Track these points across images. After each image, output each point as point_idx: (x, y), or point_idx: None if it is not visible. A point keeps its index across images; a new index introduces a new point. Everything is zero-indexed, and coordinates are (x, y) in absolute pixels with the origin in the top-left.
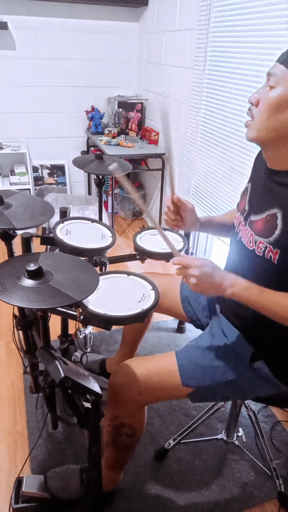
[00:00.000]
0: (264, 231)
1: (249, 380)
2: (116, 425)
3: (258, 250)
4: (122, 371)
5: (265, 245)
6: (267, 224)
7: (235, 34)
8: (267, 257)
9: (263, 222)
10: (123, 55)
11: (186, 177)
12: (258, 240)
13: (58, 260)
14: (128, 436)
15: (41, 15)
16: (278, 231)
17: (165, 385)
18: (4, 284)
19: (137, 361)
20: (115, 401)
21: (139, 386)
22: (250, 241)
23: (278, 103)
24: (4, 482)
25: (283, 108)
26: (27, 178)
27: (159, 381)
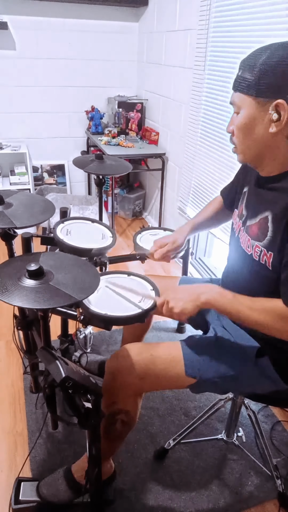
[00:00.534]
0: (258, 235)
1: (253, 376)
2: (112, 411)
3: (255, 254)
4: (122, 355)
5: (260, 249)
6: (261, 227)
7: (235, 34)
8: (263, 261)
9: (257, 226)
10: (123, 55)
11: (186, 177)
12: (255, 244)
13: (59, 260)
14: (123, 424)
15: (41, 15)
16: (270, 233)
17: (167, 373)
18: (4, 285)
19: (140, 346)
20: (113, 386)
21: (141, 371)
22: (248, 246)
23: (246, 124)
24: (4, 482)
25: (252, 127)
26: (27, 178)
27: (163, 368)
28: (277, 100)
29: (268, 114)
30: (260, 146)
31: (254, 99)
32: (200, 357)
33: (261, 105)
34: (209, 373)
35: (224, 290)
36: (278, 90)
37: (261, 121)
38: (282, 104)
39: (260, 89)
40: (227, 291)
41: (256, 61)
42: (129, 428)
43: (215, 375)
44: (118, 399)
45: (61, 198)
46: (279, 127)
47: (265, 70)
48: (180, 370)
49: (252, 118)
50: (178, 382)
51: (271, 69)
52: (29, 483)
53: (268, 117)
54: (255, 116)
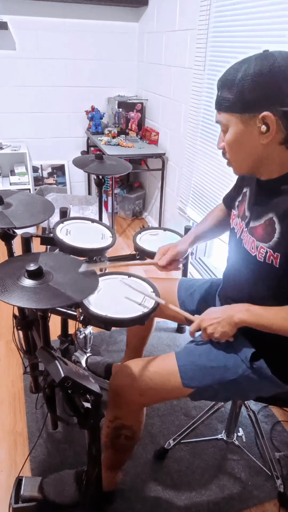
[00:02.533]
0: (264, 236)
1: (250, 379)
2: (116, 426)
3: (259, 256)
4: (123, 373)
5: (265, 250)
6: (267, 229)
7: (235, 34)
8: (269, 261)
9: (262, 228)
10: (123, 55)
11: (186, 177)
12: (259, 246)
13: (58, 260)
14: (127, 438)
15: (41, 15)
16: (277, 234)
17: (166, 386)
18: (4, 284)
19: (137, 362)
20: (116, 402)
21: (140, 387)
22: (252, 247)
23: (236, 141)
24: (4, 482)
25: (242, 142)
26: (27, 178)
27: (160, 382)
28: (263, 112)
29: (256, 127)
30: (254, 158)
31: (239, 116)
32: (195, 366)
33: (247, 121)
34: (206, 380)
35: (251, 306)
36: (261, 103)
37: (251, 135)
38: (269, 116)
39: (243, 106)
40: (255, 306)
41: (233, 78)
42: (134, 442)
43: (212, 382)
44: (121, 415)
45: (61, 198)
46: (269, 138)
47: (245, 86)
48: (177, 382)
49: (241, 134)
50: (177, 393)
51: (251, 84)
52: (31, 479)
53: (257, 130)
54: (243, 132)
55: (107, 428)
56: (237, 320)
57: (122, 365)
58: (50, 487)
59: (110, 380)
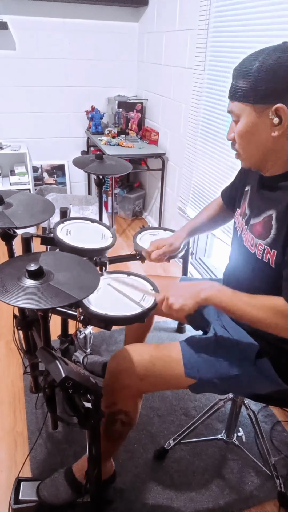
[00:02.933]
0: (262, 233)
1: (252, 376)
2: (112, 412)
3: (258, 253)
4: (122, 356)
5: (263, 247)
6: (265, 226)
7: (235, 34)
8: (266, 260)
9: (261, 225)
10: (123, 55)
11: (186, 177)
12: (258, 243)
13: (59, 259)
14: (123, 424)
15: (41, 15)
16: (274, 231)
17: (167, 374)
18: (5, 285)
19: (139, 347)
20: (113, 387)
21: (141, 371)
22: (251, 245)
23: (247, 132)
24: (4, 482)
25: (253, 133)
26: (27, 178)
27: (162, 368)
28: (276, 104)
29: (268, 119)
30: (264, 151)
31: (253, 107)
32: (199, 357)
33: (260, 111)
34: (209, 373)
35: (223, 287)
36: (276, 94)
37: (263, 127)
38: (282, 108)
39: (257, 96)
40: (227, 288)
41: (250, 68)
42: (129, 428)
43: (214, 375)
44: (118, 400)
45: (61, 198)
46: (281, 130)
47: (261, 76)
48: (180, 371)
49: (253, 125)
50: (178, 383)
51: (267, 74)
52: (29, 483)
53: (269, 122)
54: (255, 123)
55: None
56: (202, 296)
57: (122, 349)
58: (45, 491)
59: (108, 364)
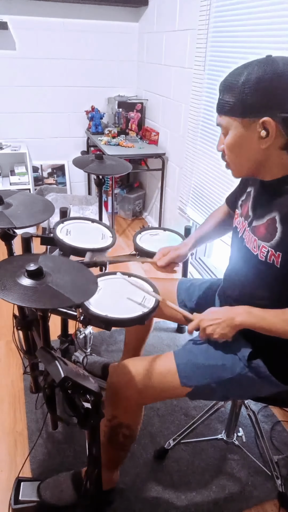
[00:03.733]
0: (265, 235)
1: (247, 379)
2: (114, 425)
3: (261, 255)
4: (120, 371)
5: (267, 249)
6: (268, 228)
7: (235, 34)
8: (270, 261)
9: (264, 227)
10: (123, 55)
11: (186, 177)
12: (261, 245)
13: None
14: (125, 437)
15: (41, 15)
16: (279, 233)
17: (164, 385)
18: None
19: (135, 361)
20: (114, 401)
21: (138, 386)
22: (254, 247)
23: (235, 144)
24: (4, 482)
25: (242, 146)
26: (27, 178)
27: (158, 381)
28: (263, 118)
29: (256, 132)
30: (253, 162)
31: (240, 120)
32: (193, 365)
33: (247, 125)
34: (204, 379)
35: (252, 308)
36: (262, 108)
37: (250, 140)
38: (269, 122)
39: (244, 110)
40: (255, 308)
41: (235, 82)
42: (131, 440)
43: (210, 380)
44: (119, 413)
45: (61, 198)
46: (269, 142)
47: (247, 90)
48: (175, 381)
49: (241, 138)
50: (176, 392)
51: (253, 88)
52: (29, 483)
53: (256, 135)
54: (243, 136)
55: (104, 427)
56: (237, 323)
57: (120, 364)
58: (47, 491)
59: (107, 379)
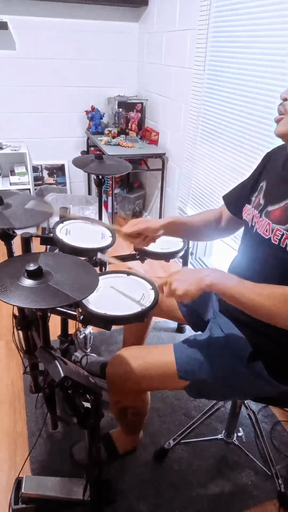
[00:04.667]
0: (282, 218)
1: (246, 378)
2: (120, 407)
3: (274, 238)
4: (118, 362)
5: (282, 232)
6: (285, 211)
7: (235, 34)
8: (283, 245)
9: (281, 210)
10: (123, 55)
11: (186, 177)
12: (276, 228)
13: (58, 260)
14: (133, 414)
15: (41, 15)
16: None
17: (161, 376)
18: (3, 284)
19: (134, 351)
20: (114, 389)
21: (137, 376)
22: (266, 230)
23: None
24: (4, 482)
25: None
26: (27, 178)
27: (156, 372)
28: None
29: None
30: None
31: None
32: (192, 359)
33: None
34: (201, 375)
35: (229, 274)
36: None
37: None
38: None
39: None
40: (233, 275)
41: None
42: (141, 417)
43: (207, 376)
44: (122, 399)
45: (61, 198)
46: None
47: None
48: (173, 373)
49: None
50: (173, 384)
51: None
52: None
53: None
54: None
55: (113, 407)
56: (207, 282)
57: (117, 354)
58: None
59: (107, 369)
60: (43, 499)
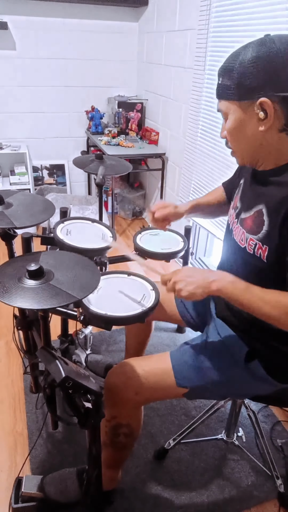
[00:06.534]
0: (253, 228)
1: (244, 379)
2: (114, 425)
3: (249, 247)
4: (118, 372)
5: (255, 242)
6: (255, 220)
7: (235, 34)
8: (257, 254)
9: (251, 219)
10: (123, 55)
11: (186, 177)
12: (249, 238)
13: (59, 258)
14: (126, 436)
15: (41, 15)
16: (266, 227)
17: (160, 386)
18: (5, 285)
19: (133, 362)
20: (112, 402)
21: (135, 386)
22: (242, 239)
23: (236, 128)
24: (4, 482)
25: (241, 129)
26: (27, 178)
27: (155, 381)
28: (260, 99)
29: (254, 114)
30: (255, 146)
31: (238, 103)
32: (190, 366)
33: (246, 107)
34: (200, 380)
35: (236, 278)
36: (258, 89)
37: (250, 122)
38: (266, 102)
39: (241, 92)
40: (241, 281)
41: (232, 65)
42: (133, 440)
43: (206, 381)
44: (118, 414)
45: (61, 198)
46: (268, 124)
47: (243, 72)
48: (171, 381)
49: (241, 121)
50: (172, 393)
51: (248, 69)
52: (31, 477)
53: (255, 117)
54: (242, 119)
55: (105, 428)
56: (214, 288)
57: (118, 364)
58: (51, 486)
59: (105, 379)
60: (43, 498)
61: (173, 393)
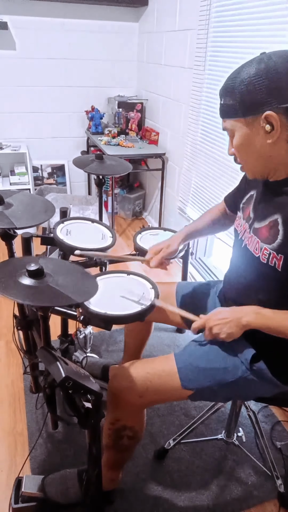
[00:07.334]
0: (268, 237)
1: (249, 381)
2: (118, 428)
3: (262, 257)
4: (121, 374)
5: (269, 251)
6: (270, 230)
7: (235, 34)
8: (271, 264)
9: (266, 229)
10: (123, 55)
11: (186, 177)
12: (263, 247)
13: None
14: (129, 438)
15: (41, 15)
16: (281, 236)
17: (165, 388)
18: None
19: (136, 364)
20: (115, 404)
21: (139, 389)
22: (256, 249)
23: (244, 144)
24: (4, 482)
25: (249, 144)
26: (27, 178)
27: (159, 384)
28: (265, 112)
29: (261, 128)
30: (264, 159)
31: (244, 120)
32: (194, 368)
33: (251, 123)
34: (205, 382)
35: (260, 308)
36: (262, 104)
37: (257, 137)
38: (271, 115)
39: (245, 109)
40: (265, 309)
41: (233, 85)
42: (136, 442)
43: (211, 383)
44: (122, 416)
45: (61, 198)
46: (275, 136)
47: (244, 90)
48: (176, 383)
49: (248, 137)
50: (177, 395)
51: (249, 87)
52: (32, 477)
53: (262, 131)
54: (249, 134)
55: (108, 430)
56: (245, 323)
57: (121, 367)
58: (52, 487)
59: (109, 383)
60: (43, 499)
61: (178, 395)
